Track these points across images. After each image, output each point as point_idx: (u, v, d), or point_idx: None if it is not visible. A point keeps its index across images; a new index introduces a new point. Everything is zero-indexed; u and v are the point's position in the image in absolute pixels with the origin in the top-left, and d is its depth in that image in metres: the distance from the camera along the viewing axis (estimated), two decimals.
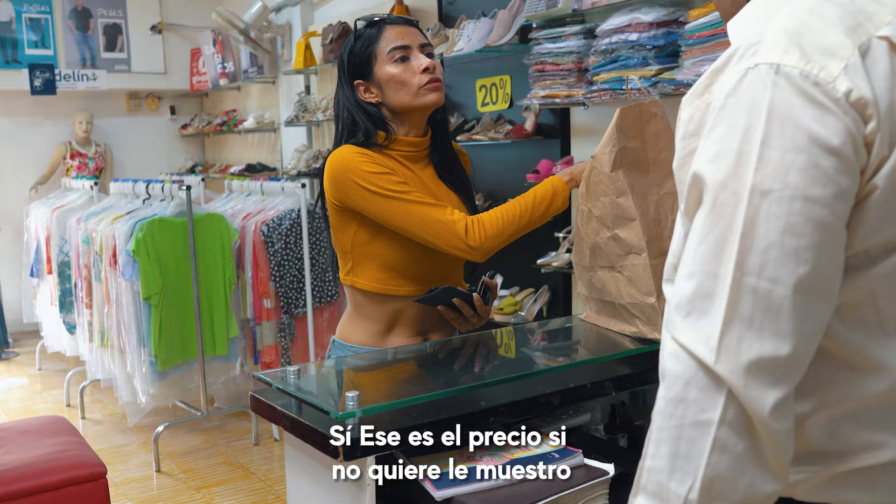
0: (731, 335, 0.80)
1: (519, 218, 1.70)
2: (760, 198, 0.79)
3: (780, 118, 0.79)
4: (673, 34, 2.78)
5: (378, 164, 1.69)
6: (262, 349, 4.28)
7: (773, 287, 0.79)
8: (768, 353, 0.79)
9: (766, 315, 0.79)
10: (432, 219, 1.67)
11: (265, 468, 3.96)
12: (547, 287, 3.76)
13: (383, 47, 1.74)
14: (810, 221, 0.79)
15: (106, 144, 7.26)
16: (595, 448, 1.50)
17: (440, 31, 4.21)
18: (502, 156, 4.06)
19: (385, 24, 1.76)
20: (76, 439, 2.92)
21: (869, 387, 0.87)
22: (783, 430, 0.81)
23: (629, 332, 1.69)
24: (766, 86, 0.80)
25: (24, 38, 6.85)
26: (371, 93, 1.78)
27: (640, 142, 1.61)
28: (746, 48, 0.84)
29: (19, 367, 6.01)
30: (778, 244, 0.79)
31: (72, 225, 4.81)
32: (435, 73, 1.75)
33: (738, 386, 0.80)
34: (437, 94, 1.76)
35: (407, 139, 1.79)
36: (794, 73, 0.80)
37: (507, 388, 1.46)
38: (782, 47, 0.81)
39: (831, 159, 0.78)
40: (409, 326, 1.81)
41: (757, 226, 0.80)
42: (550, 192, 1.72)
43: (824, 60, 0.80)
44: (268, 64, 6.21)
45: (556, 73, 3.23)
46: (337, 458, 1.23)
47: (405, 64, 1.74)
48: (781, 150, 0.79)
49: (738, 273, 0.80)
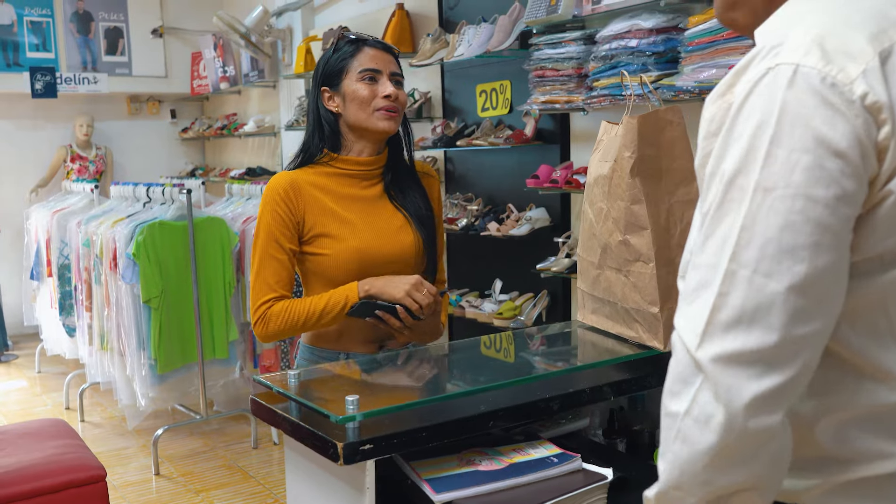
0: (718, 323, 0.82)
1: (303, 324, 1.78)
2: (763, 194, 0.81)
3: (791, 118, 0.80)
4: (672, 40, 2.79)
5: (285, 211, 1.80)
6: (262, 353, 4.28)
7: (767, 282, 0.80)
8: (752, 345, 0.80)
9: (757, 308, 0.81)
10: (256, 288, 1.80)
11: (264, 472, 3.97)
12: (546, 292, 3.77)
13: (356, 65, 1.82)
14: (810, 221, 0.79)
15: (106, 148, 7.27)
16: (593, 453, 1.51)
17: (441, 36, 4.22)
18: (502, 161, 4.06)
19: (365, 44, 1.83)
20: (76, 442, 2.92)
21: (879, 395, 0.87)
22: (761, 431, 0.81)
23: (627, 336, 1.70)
24: (782, 85, 0.81)
25: (25, 42, 6.86)
26: (334, 102, 1.86)
27: (656, 149, 1.62)
28: (769, 49, 0.84)
29: (19, 370, 6.01)
30: (776, 240, 0.80)
31: (72, 228, 4.81)
32: (396, 102, 1.82)
33: (715, 373, 0.81)
34: (389, 123, 1.83)
35: (354, 159, 1.86)
36: (812, 74, 0.80)
37: (506, 393, 1.47)
38: (804, 49, 0.82)
39: (837, 162, 0.79)
40: (361, 334, 1.85)
41: (757, 221, 0.81)
42: (343, 302, 1.76)
43: (844, 63, 0.81)
44: (268, 68, 6.22)
45: (556, 78, 3.24)
46: (337, 462, 1.24)
47: (371, 85, 1.81)
48: (789, 148, 0.80)
49: (734, 265, 0.82)
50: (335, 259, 1.80)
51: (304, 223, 1.81)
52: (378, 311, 1.75)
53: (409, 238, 1.86)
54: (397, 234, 1.85)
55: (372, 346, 1.87)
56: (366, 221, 1.84)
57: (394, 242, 1.84)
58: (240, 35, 5.86)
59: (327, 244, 1.80)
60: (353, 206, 1.84)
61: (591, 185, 1.75)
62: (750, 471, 0.83)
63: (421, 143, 4.30)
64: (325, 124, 1.87)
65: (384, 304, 1.75)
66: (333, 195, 1.84)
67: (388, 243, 1.83)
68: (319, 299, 1.77)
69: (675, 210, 1.63)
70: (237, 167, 6.89)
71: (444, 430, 1.34)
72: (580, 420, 1.68)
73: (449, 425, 1.34)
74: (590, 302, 1.82)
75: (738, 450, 0.82)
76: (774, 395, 0.81)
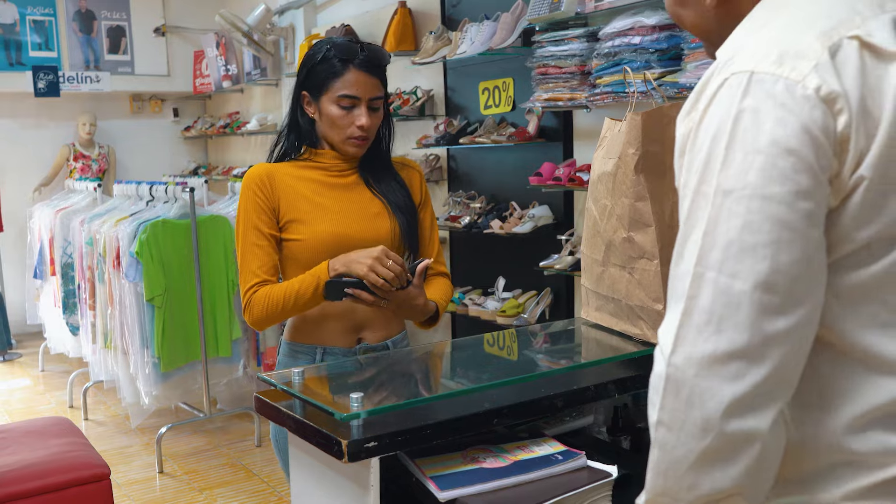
0: (690, 326, 0.84)
1: (282, 308, 1.78)
2: (723, 197, 0.83)
3: (745, 122, 0.83)
4: (675, 37, 2.78)
5: (262, 198, 1.83)
6: (265, 351, 4.29)
7: (733, 282, 0.82)
8: (724, 346, 0.82)
9: (725, 309, 0.82)
10: (242, 276, 1.83)
11: (268, 470, 3.97)
12: (549, 289, 3.76)
13: (338, 87, 1.81)
14: (768, 219, 0.81)
15: (109, 146, 7.28)
16: (598, 450, 1.51)
17: (443, 33, 4.22)
18: (505, 158, 4.06)
19: (351, 65, 1.81)
20: (79, 440, 2.93)
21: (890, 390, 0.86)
22: (741, 433, 0.82)
23: (631, 333, 1.70)
24: (737, 94, 0.84)
25: (27, 41, 6.87)
26: (311, 109, 1.87)
27: (661, 146, 1.61)
28: (724, 63, 0.87)
29: (23, 369, 6.02)
30: (737, 241, 0.82)
31: (75, 227, 4.82)
32: (367, 132, 1.83)
33: (690, 376, 0.82)
34: (357, 150, 1.86)
35: (331, 153, 1.89)
36: (766, 79, 0.83)
37: (510, 390, 1.47)
38: (760, 55, 0.85)
39: (789, 159, 0.81)
40: (338, 323, 1.86)
41: (719, 223, 0.83)
42: (315, 283, 1.75)
43: (794, 62, 0.83)
44: (271, 66, 6.22)
45: (559, 76, 3.24)
46: (342, 459, 1.24)
47: (346, 112, 1.82)
48: (743, 151, 0.82)
49: (700, 268, 0.84)
50: (309, 244, 1.81)
51: (279, 210, 1.83)
52: (348, 290, 1.71)
53: (385, 224, 1.86)
54: (374, 220, 1.86)
55: (349, 337, 1.87)
56: (341, 206, 1.85)
57: (370, 228, 1.85)
58: (242, 33, 5.86)
59: (300, 230, 1.82)
60: (328, 192, 1.86)
61: (595, 182, 1.74)
62: (733, 475, 0.83)
63: (423, 140, 4.30)
64: (301, 126, 1.90)
65: (352, 281, 1.70)
66: (308, 182, 1.86)
67: (365, 228, 1.84)
68: (294, 282, 1.77)
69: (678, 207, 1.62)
70: (240, 165, 6.89)
71: (449, 428, 1.34)
72: (584, 417, 1.68)
73: (453, 423, 1.34)
74: (594, 299, 1.82)
75: (718, 453, 0.83)
76: (752, 396, 0.81)
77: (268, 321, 1.81)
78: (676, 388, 0.84)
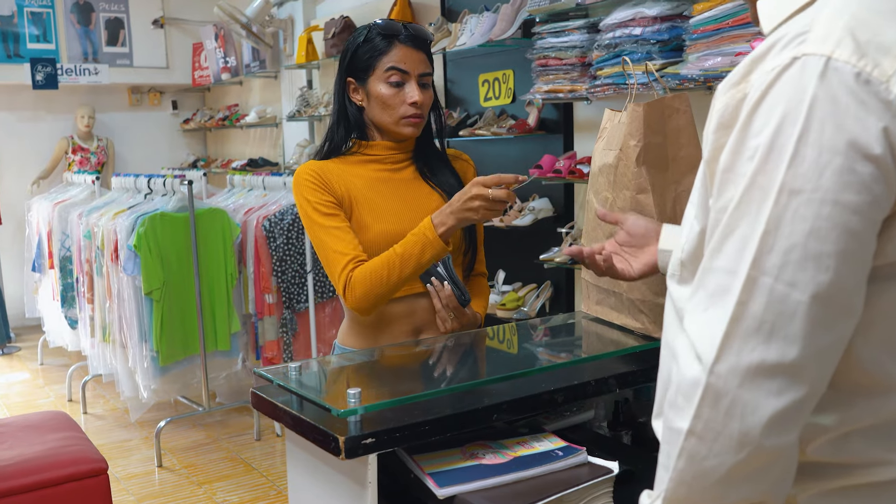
0: (737, 334, 0.77)
1: (387, 277, 1.68)
2: (789, 197, 0.75)
3: (821, 115, 0.74)
4: (677, 28, 2.76)
5: (320, 188, 1.74)
6: (264, 344, 4.27)
7: (790, 291, 0.75)
8: (773, 358, 0.76)
9: (778, 319, 0.76)
10: (331, 261, 1.72)
11: (267, 463, 3.96)
12: (550, 283, 3.75)
13: (385, 63, 1.75)
14: (838, 227, 0.74)
15: (108, 139, 7.25)
16: (599, 445, 1.49)
17: (443, 25, 4.19)
18: (505, 151, 4.04)
19: (397, 40, 1.75)
20: (78, 434, 2.92)
21: (887, 406, 0.83)
22: (778, 448, 0.78)
23: (632, 327, 1.68)
24: (812, 79, 0.75)
25: (25, 33, 6.83)
26: (359, 95, 1.81)
27: (662, 137, 1.59)
28: (794, 37, 0.78)
29: (21, 362, 6.01)
30: (801, 247, 0.75)
31: (73, 220, 4.80)
32: (421, 108, 1.77)
33: (734, 387, 0.77)
34: (413, 129, 1.79)
35: (384, 143, 1.82)
36: (846, 70, 0.74)
37: (510, 385, 1.45)
38: (835, 39, 0.76)
39: (869, 166, 0.74)
40: (398, 326, 1.82)
41: (782, 225, 0.75)
42: (419, 246, 1.67)
43: (878, 57, 0.75)
44: (270, 58, 6.19)
45: (560, 67, 3.22)
46: (339, 456, 1.22)
47: (397, 89, 1.75)
48: (818, 149, 0.74)
49: (755, 271, 0.77)
50: (369, 246, 1.74)
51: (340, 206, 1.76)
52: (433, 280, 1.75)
53: None
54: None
55: (411, 336, 1.83)
56: (400, 205, 1.79)
57: None
58: (241, 25, 5.84)
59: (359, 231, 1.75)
60: (384, 188, 1.79)
61: (596, 174, 1.72)
62: (762, 486, 0.80)
63: None
64: (350, 116, 1.82)
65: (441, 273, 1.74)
66: (362, 179, 1.79)
67: None
68: (395, 248, 1.69)
69: (681, 199, 1.60)
70: (239, 158, 6.87)
71: (447, 424, 1.32)
72: (585, 412, 1.66)
73: (452, 418, 1.32)
74: (594, 292, 1.80)
75: (751, 467, 0.78)
76: (792, 412, 0.77)
77: (373, 300, 1.71)
78: (716, 398, 0.78)
